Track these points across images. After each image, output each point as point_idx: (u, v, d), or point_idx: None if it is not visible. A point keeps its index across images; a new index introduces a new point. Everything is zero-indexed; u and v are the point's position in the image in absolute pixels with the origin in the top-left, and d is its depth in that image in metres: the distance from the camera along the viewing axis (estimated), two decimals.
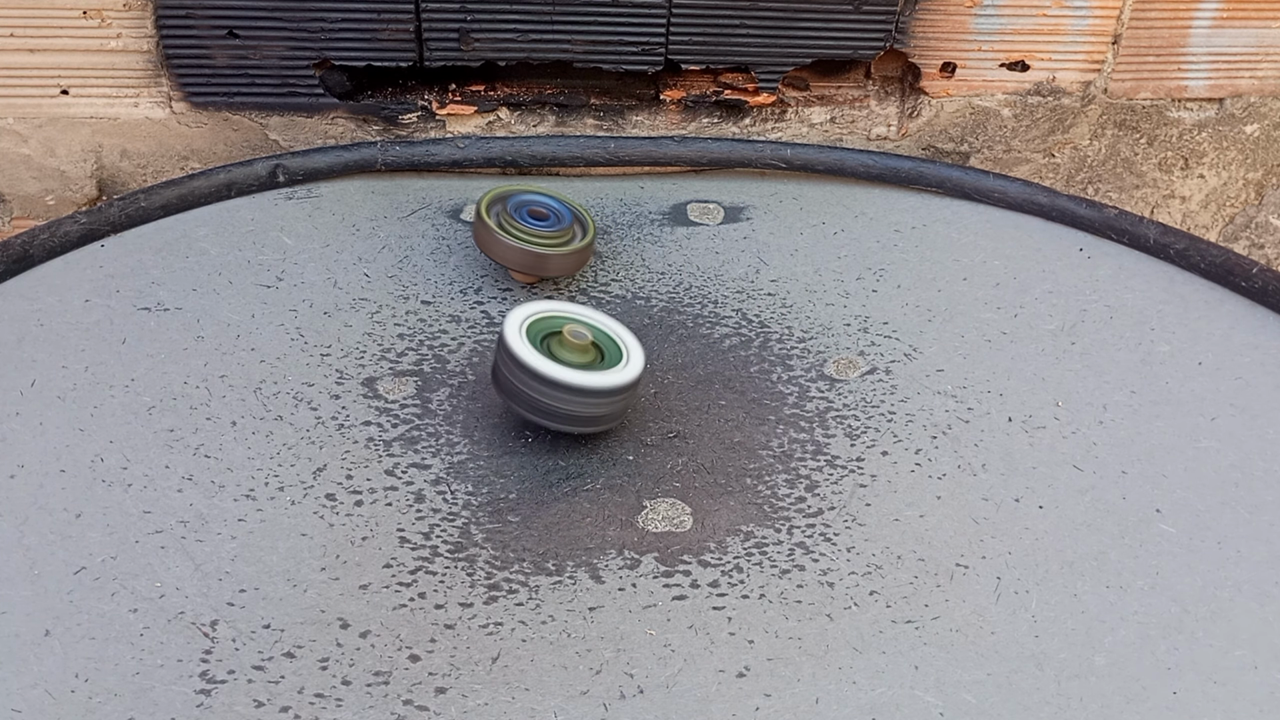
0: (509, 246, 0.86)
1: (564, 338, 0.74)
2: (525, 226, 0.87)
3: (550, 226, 0.88)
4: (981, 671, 0.62)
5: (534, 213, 0.88)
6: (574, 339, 0.74)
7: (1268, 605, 0.66)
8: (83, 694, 0.58)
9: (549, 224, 0.88)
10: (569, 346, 0.74)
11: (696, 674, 0.61)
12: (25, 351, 0.79)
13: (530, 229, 0.87)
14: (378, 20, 0.98)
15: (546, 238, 0.87)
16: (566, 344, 0.74)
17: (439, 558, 0.67)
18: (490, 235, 0.86)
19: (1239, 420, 0.78)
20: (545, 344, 0.75)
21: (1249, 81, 1.12)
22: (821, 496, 0.73)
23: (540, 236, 0.87)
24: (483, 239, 0.87)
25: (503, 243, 0.86)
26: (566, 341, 0.74)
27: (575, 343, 0.74)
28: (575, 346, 0.74)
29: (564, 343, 0.74)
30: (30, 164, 1.02)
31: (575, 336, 0.74)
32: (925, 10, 1.03)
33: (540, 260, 0.86)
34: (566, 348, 0.74)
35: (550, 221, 0.88)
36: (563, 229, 0.88)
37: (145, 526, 0.67)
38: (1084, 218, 0.97)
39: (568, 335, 0.74)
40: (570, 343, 0.74)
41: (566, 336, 0.74)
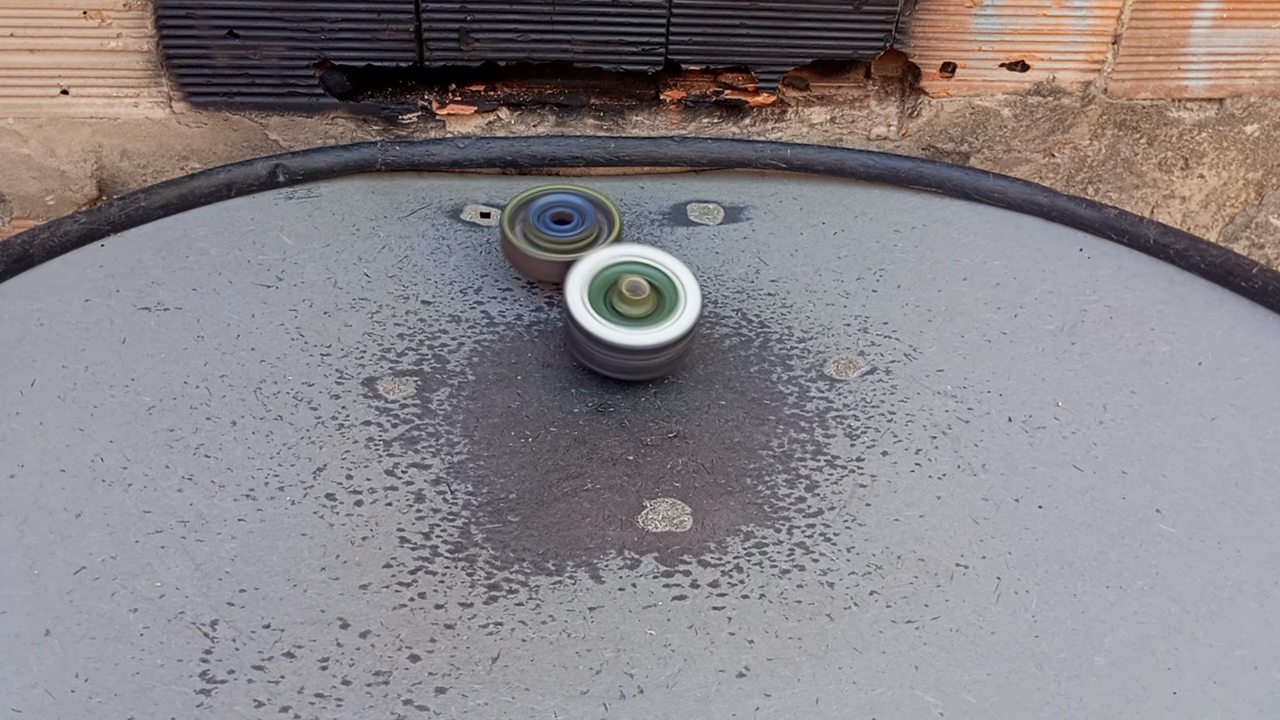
0: (539, 261, 0.85)
1: (621, 291, 0.77)
2: (550, 235, 0.85)
3: (575, 230, 0.86)
4: (981, 671, 0.62)
5: (557, 217, 0.87)
6: (632, 293, 0.77)
7: (1268, 605, 0.66)
8: (83, 694, 0.58)
9: (573, 227, 0.87)
10: (627, 300, 0.77)
11: (696, 674, 0.61)
12: (25, 351, 0.79)
13: (555, 237, 0.85)
14: (378, 20, 0.98)
15: (573, 243, 0.85)
16: (624, 298, 0.77)
17: (439, 558, 0.67)
18: (518, 252, 0.85)
19: (1239, 420, 0.78)
20: (608, 298, 0.78)
21: (1249, 81, 1.12)
22: (821, 496, 0.73)
23: (566, 243, 0.85)
24: (512, 256, 0.86)
25: (533, 259, 0.85)
26: (624, 295, 0.77)
27: (633, 296, 0.77)
28: (633, 300, 0.77)
29: (622, 296, 0.77)
30: (30, 164, 1.02)
31: (633, 291, 0.77)
32: (925, 10, 1.03)
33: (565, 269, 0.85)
34: (625, 301, 0.77)
35: (574, 224, 0.87)
36: (588, 229, 0.87)
37: (145, 526, 0.67)
38: (1084, 218, 0.97)
39: (625, 290, 0.77)
40: (628, 297, 0.76)
41: (624, 291, 0.77)
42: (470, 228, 0.95)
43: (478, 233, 0.95)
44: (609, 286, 0.78)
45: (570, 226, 0.87)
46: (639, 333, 0.76)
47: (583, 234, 0.86)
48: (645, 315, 0.77)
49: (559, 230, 0.86)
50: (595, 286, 0.78)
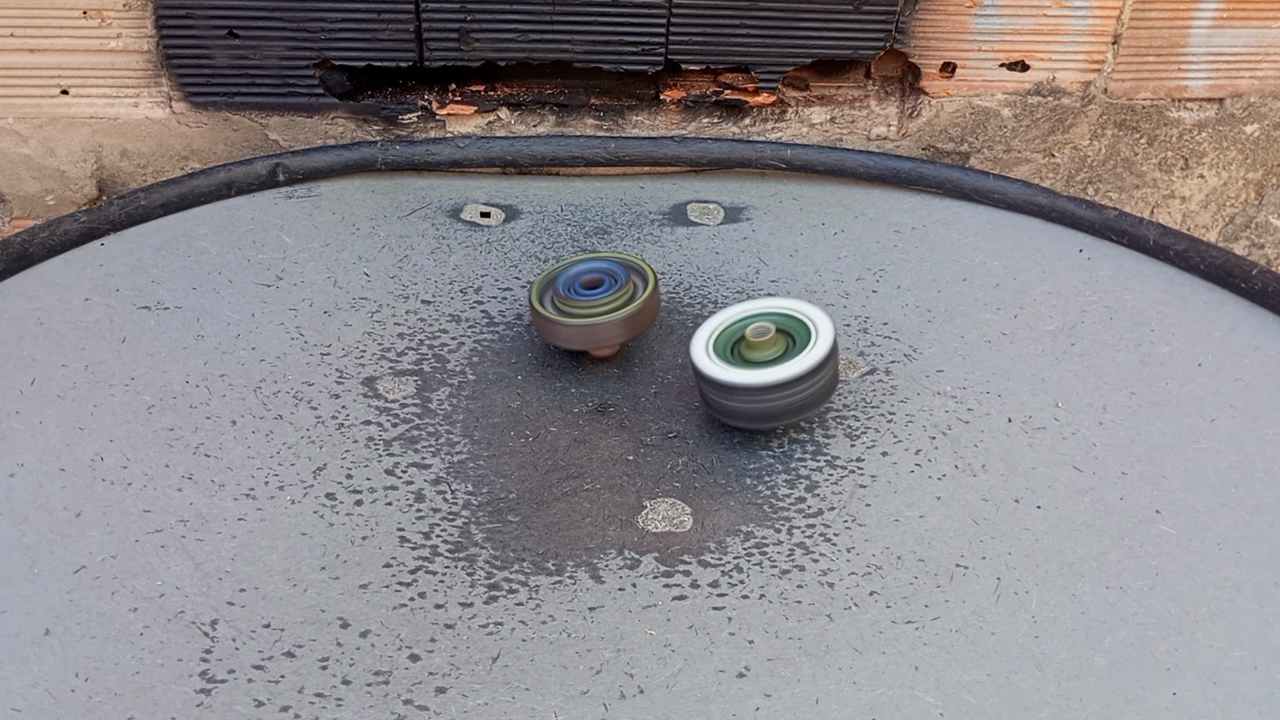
0: (573, 328, 0.79)
1: (748, 340, 0.75)
2: (580, 301, 0.80)
3: (608, 291, 0.80)
4: (981, 672, 0.62)
5: (587, 283, 0.81)
6: (757, 338, 0.75)
7: (1268, 605, 0.66)
8: (83, 693, 0.58)
9: (605, 290, 0.80)
10: (756, 346, 0.75)
11: (696, 674, 0.61)
12: (25, 350, 0.79)
13: (587, 301, 0.79)
14: (378, 20, 0.98)
15: (608, 304, 0.79)
16: (753, 345, 0.75)
17: (439, 557, 0.67)
18: (551, 324, 0.79)
19: (1239, 421, 0.78)
20: (736, 351, 0.76)
21: (1249, 81, 1.12)
22: (821, 497, 0.73)
23: (600, 305, 0.79)
24: (545, 329, 0.80)
25: (566, 327, 0.79)
26: (752, 343, 0.75)
27: (760, 341, 0.75)
28: (762, 345, 0.75)
29: (750, 344, 0.75)
30: (30, 164, 1.02)
31: (758, 335, 0.75)
32: (925, 10, 1.03)
33: (609, 329, 0.79)
34: (754, 348, 0.75)
35: (606, 286, 0.81)
36: (621, 288, 0.80)
37: (145, 525, 0.67)
38: (1084, 218, 0.98)
39: (750, 336, 0.75)
40: (755, 343, 0.75)
41: (749, 338, 0.75)
42: (470, 227, 0.96)
43: (478, 232, 0.95)
44: (736, 340, 0.76)
45: (601, 290, 0.81)
46: (762, 372, 0.73)
47: (616, 294, 0.80)
48: (776, 358, 0.74)
49: (589, 294, 0.80)
50: (720, 343, 0.76)
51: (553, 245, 0.94)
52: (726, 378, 0.73)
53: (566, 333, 0.79)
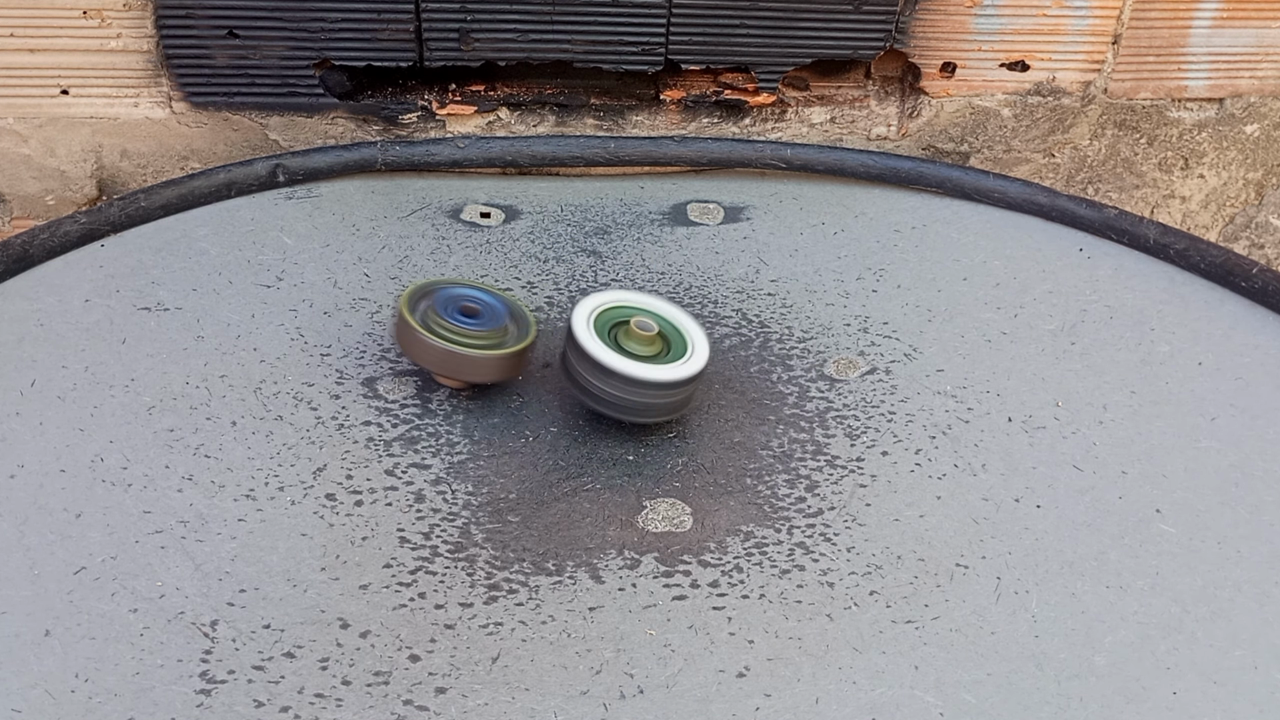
0: (426, 345, 0.76)
1: (631, 329, 0.75)
2: (450, 324, 0.77)
3: (481, 325, 0.77)
4: (981, 671, 0.62)
5: (465, 309, 0.78)
6: (641, 330, 0.75)
7: (1268, 605, 0.66)
8: (83, 694, 0.58)
9: (479, 322, 0.78)
10: (636, 338, 0.75)
11: (696, 674, 0.61)
12: (25, 351, 0.79)
13: (456, 326, 0.76)
14: (378, 20, 0.98)
15: (473, 337, 0.76)
16: (634, 335, 0.75)
17: (439, 558, 0.67)
18: (409, 334, 0.76)
19: (1239, 420, 0.78)
20: (613, 334, 0.75)
21: (1249, 81, 1.12)
22: (821, 496, 0.73)
23: (465, 335, 0.76)
24: (401, 336, 0.77)
25: (421, 341, 0.76)
26: (633, 333, 0.75)
27: (642, 334, 0.75)
28: (642, 338, 0.75)
29: (630, 334, 0.75)
30: (30, 164, 1.02)
31: (642, 328, 0.75)
32: (925, 10, 1.03)
33: (460, 362, 0.76)
34: (634, 339, 0.75)
35: (482, 319, 0.78)
36: (495, 328, 0.78)
37: (145, 526, 0.67)
38: (1084, 218, 0.97)
39: (635, 327, 0.75)
40: (637, 334, 0.75)
41: (633, 328, 0.75)
42: (470, 228, 0.96)
43: (478, 233, 0.95)
44: (613, 325, 0.76)
45: (475, 321, 0.78)
46: (654, 369, 0.73)
47: (487, 331, 0.77)
48: (653, 355, 0.75)
49: (462, 321, 0.77)
50: (599, 324, 0.75)
51: (553, 245, 0.94)
52: (598, 355, 0.73)
53: (423, 350, 0.76)
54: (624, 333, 0.75)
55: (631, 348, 0.75)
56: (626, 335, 0.75)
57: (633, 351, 0.74)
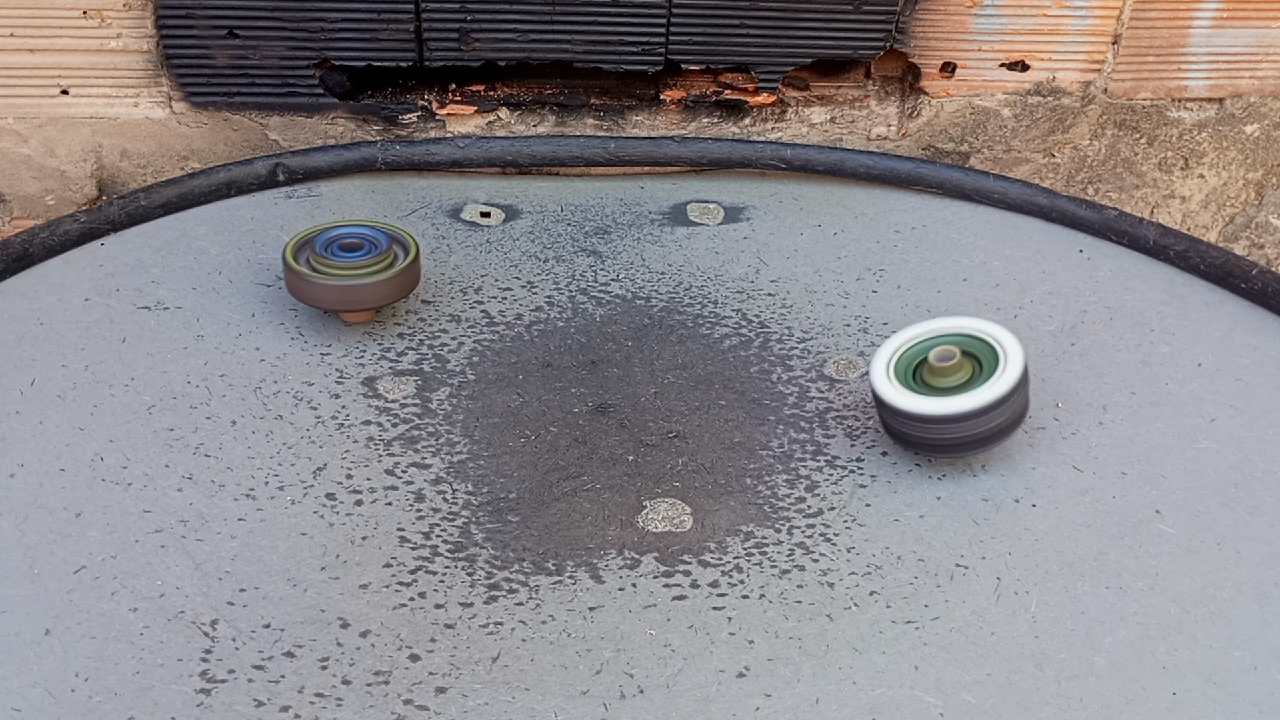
0: (323, 286, 0.80)
1: (931, 364, 0.71)
2: (337, 262, 0.80)
3: (365, 255, 0.81)
4: (981, 671, 0.62)
5: (346, 245, 0.82)
6: (941, 363, 0.71)
7: (1268, 605, 0.66)
8: (83, 693, 0.58)
9: (364, 253, 0.82)
10: (939, 372, 0.71)
11: (696, 674, 0.61)
12: (25, 350, 0.79)
13: (343, 262, 0.80)
14: (378, 20, 0.98)
15: (363, 267, 0.81)
16: (936, 370, 0.71)
17: (439, 557, 0.67)
18: (302, 280, 0.80)
19: (1239, 421, 0.78)
20: (918, 375, 0.72)
21: (1249, 81, 1.12)
22: (821, 496, 0.73)
23: (357, 268, 0.80)
24: (295, 287, 0.81)
25: (316, 284, 0.80)
26: (935, 368, 0.71)
27: (944, 366, 0.71)
28: (945, 370, 0.71)
29: (933, 369, 0.71)
30: (30, 164, 1.02)
31: (941, 360, 0.71)
32: (925, 10, 1.03)
33: (360, 292, 0.80)
34: (937, 374, 0.71)
35: (365, 250, 0.82)
36: (382, 253, 0.81)
37: (145, 526, 0.67)
38: (1084, 219, 0.98)
39: (933, 361, 0.71)
40: (939, 368, 0.71)
41: (933, 362, 0.71)
42: (470, 227, 0.96)
43: (478, 232, 0.95)
44: (917, 365, 0.72)
45: (360, 253, 0.82)
46: (945, 401, 0.69)
47: (374, 259, 0.81)
48: (961, 384, 0.71)
49: (346, 256, 0.81)
50: (901, 364, 0.72)
51: (553, 245, 0.94)
52: (907, 405, 0.70)
53: (318, 291, 0.80)
54: (928, 370, 0.72)
55: (938, 383, 0.71)
56: (931, 372, 0.71)
57: (941, 386, 0.71)
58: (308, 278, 0.80)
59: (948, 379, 0.71)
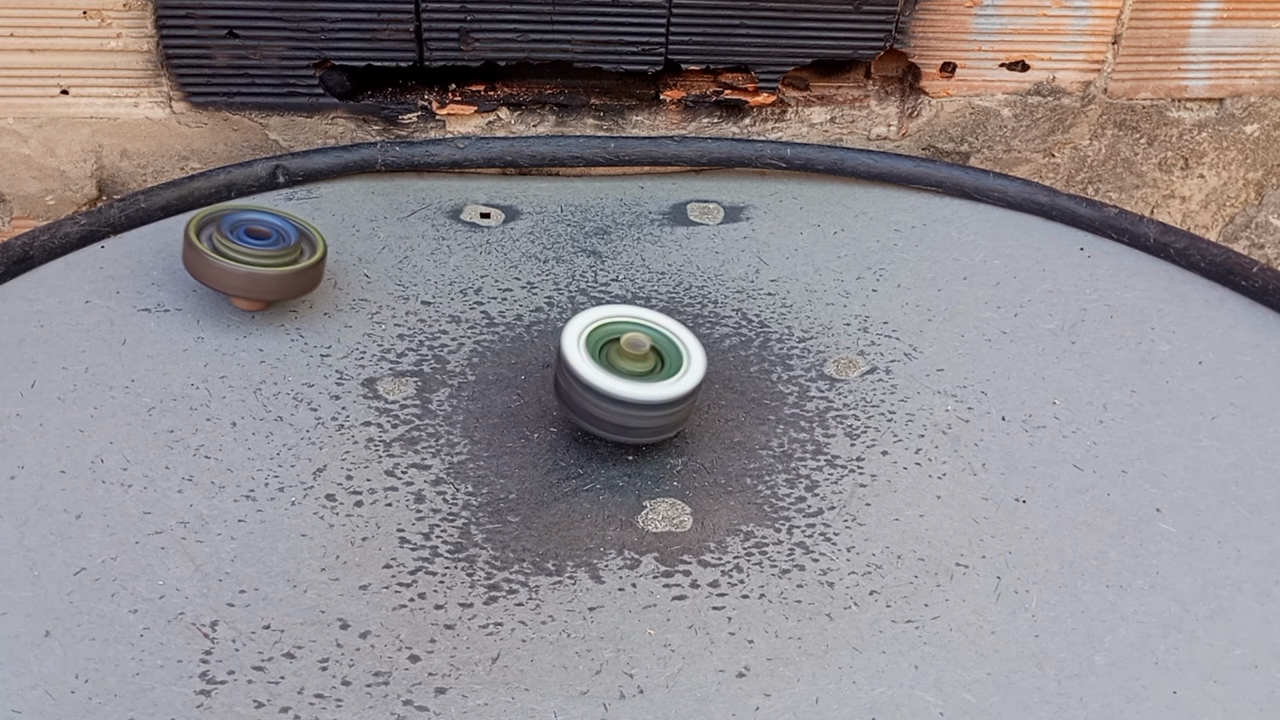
0: (223, 269, 0.78)
1: (621, 347, 0.73)
2: (243, 247, 0.79)
3: (272, 245, 0.81)
4: (981, 671, 0.62)
5: (253, 231, 0.81)
6: (631, 349, 0.72)
7: (1268, 605, 0.66)
8: (83, 694, 0.58)
9: (270, 242, 0.81)
10: (627, 356, 0.73)
11: (696, 674, 0.61)
12: (25, 352, 0.79)
13: (249, 249, 0.79)
14: (378, 20, 0.98)
15: (268, 257, 0.79)
16: (624, 353, 0.73)
17: (439, 558, 0.67)
18: (201, 259, 0.78)
19: (1239, 419, 0.78)
20: (604, 353, 0.73)
21: (1249, 81, 1.12)
22: (821, 496, 0.73)
23: (261, 256, 0.79)
24: (193, 263, 0.79)
25: (216, 265, 0.78)
26: (624, 351, 0.73)
27: (633, 352, 0.72)
28: (633, 356, 0.73)
29: (622, 352, 0.73)
30: (30, 164, 1.02)
31: (633, 346, 0.73)
32: (925, 10, 1.03)
33: (261, 282, 0.79)
34: (625, 357, 0.73)
35: (273, 240, 0.81)
36: (287, 247, 0.81)
37: (145, 527, 0.67)
38: (1084, 217, 0.97)
39: (625, 345, 0.73)
40: (628, 353, 0.73)
41: (624, 346, 0.73)
42: (470, 228, 0.96)
43: (478, 233, 0.95)
44: (605, 344, 0.74)
45: (267, 242, 0.81)
46: (643, 388, 0.71)
47: (280, 250, 0.80)
48: (646, 373, 0.73)
49: (253, 243, 0.80)
50: (591, 342, 0.73)
51: (553, 245, 0.94)
52: (590, 378, 0.71)
53: (218, 274, 0.79)
54: (615, 351, 0.73)
55: (623, 366, 0.73)
56: (618, 354, 0.73)
57: (625, 370, 0.72)
58: (208, 258, 0.78)
59: (632, 365, 0.73)
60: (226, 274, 0.79)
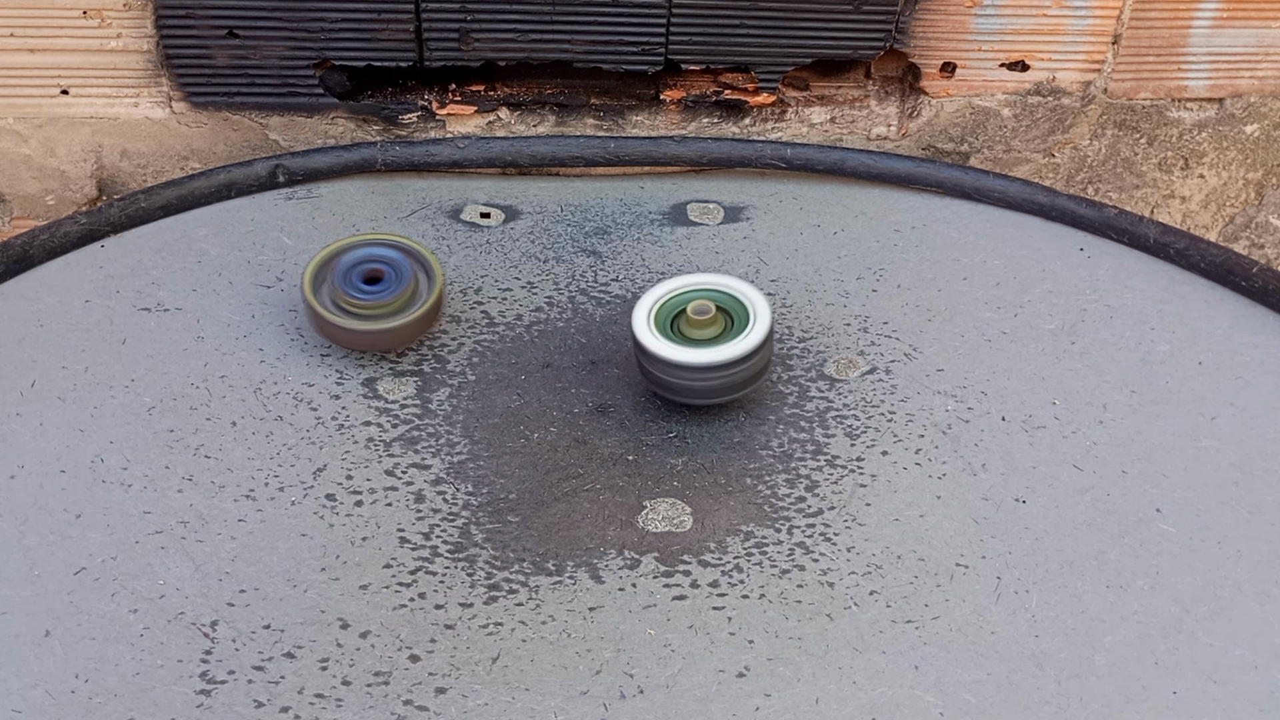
0: (343, 329, 0.77)
1: (688, 316, 0.76)
2: (358, 300, 0.77)
3: (387, 291, 0.78)
4: (981, 671, 0.62)
5: (368, 276, 0.79)
6: (698, 316, 0.76)
7: (1268, 605, 0.66)
8: (83, 694, 0.58)
9: (385, 287, 0.78)
10: (694, 324, 0.76)
11: (696, 674, 0.61)
12: (25, 352, 0.79)
13: (363, 301, 0.77)
14: (378, 20, 0.98)
15: (383, 307, 0.78)
16: (692, 321, 0.76)
17: (439, 558, 0.67)
18: (321, 320, 0.77)
19: (1239, 420, 0.78)
20: (675, 325, 0.77)
21: (1249, 81, 1.12)
22: (821, 496, 0.73)
23: (376, 308, 0.77)
24: (316, 323, 0.79)
25: (336, 325, 0.77)
26: (691, 319, 0.76)
27: (700, 319, 0.76)
28: (701, 322, 0.76)
29: (690, 320, 0.76)
30: (30, 164, 1.02)
31: (699, 313, 0.76)
32: (925, 10, 1.03)
33: (383, 336, 0.78)
34: (693, 325, 0.76)
35: (387, 283, 0.78)
36: (403, 289, 0.78)
37: (145, 527, 0.67)
38: (1084, 217, 0.97)
39: (691, 313, 0.76)
40: (695, 320, 0.76)
41: (690, 315, 0.76)
42: (470, 228, 0.96)
43: (478, 233, 0.95)
44: (677, 314, 0.77)
45: (381, 287, 0.78)
46: (705, 352, 0.74)
47: (395, 297, 0.78)
48: (717, 336, 0.76)
49: (367, 292, 0.78)
50: (662, 315, 0.77)
51: (553, 245, 0.94)
52: (666, 353, 0.74)
53: (342, 334, 0.78)
54: (684, 321, 0.77)
55: (693, 334, 0.76)
56: (687, 323, 0.76)
57: (696, 337, 0.75)
58: (332, 321, 0.77)
59: (702, 331, 0.76)
60: (347, 334, 0.78)
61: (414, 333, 0.80)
